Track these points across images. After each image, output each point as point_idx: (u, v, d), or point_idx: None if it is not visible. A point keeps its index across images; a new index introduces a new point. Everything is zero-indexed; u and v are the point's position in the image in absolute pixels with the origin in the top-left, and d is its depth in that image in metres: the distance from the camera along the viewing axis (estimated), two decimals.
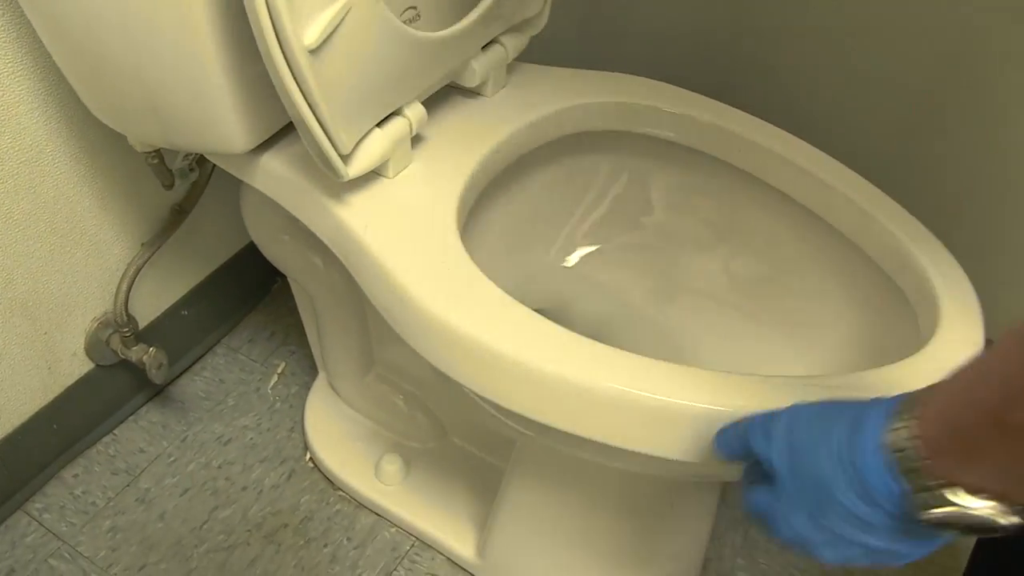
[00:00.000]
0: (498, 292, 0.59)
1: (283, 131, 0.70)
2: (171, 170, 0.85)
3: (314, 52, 0.55)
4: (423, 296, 0.60)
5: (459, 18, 0.71)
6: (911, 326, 0.65)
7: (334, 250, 0.69)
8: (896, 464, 0.39)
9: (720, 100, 0.78)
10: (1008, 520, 0.37)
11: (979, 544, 0.67)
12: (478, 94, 0.77)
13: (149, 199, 0.95)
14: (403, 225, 0.65)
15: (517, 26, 0.78)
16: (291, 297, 1.00)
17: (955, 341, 0.59)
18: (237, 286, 1.15)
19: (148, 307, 1.03)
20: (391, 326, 0.64)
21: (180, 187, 0.92)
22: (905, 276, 0.67)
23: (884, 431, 0.40)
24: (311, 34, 0.55)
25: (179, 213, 0.97)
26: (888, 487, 0.39)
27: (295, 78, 0.56)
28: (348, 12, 0.57)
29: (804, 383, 0.54)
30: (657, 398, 0.53)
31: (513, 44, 0.77)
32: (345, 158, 0.63)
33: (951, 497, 0.37)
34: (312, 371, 1.09)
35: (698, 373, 0.54)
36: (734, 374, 0.54)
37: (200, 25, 0.59)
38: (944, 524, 0.38)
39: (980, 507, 0.37)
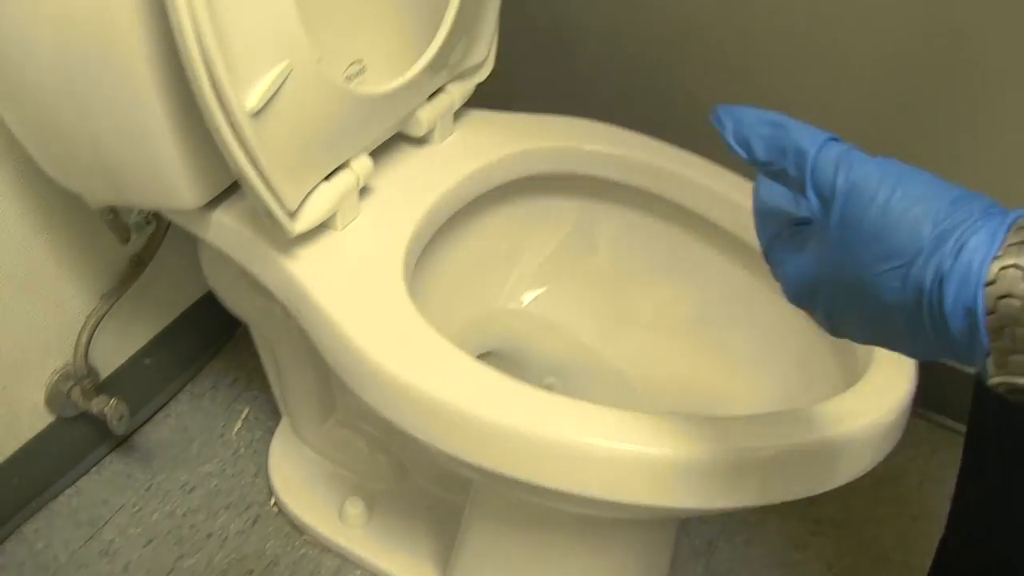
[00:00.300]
0: (443, 343, 0.61)
1: (234, 185, 0.72)
2: (127, 224, 0.86)
3: (256, 115, 0.57)
4: (369, 350, 0.61)
5: (405, 68, 0.73)
6: (851, 357, 0.67)
7: (285, 303, 0.70)
8: (995, 307, 0.30)
9: (668, 137, 0.81)
10: None
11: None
12: (426, 142, 0.79)
13: (107, 251, 0.95)
14: (351, 278, 0.67)
15: (463, 73, 0.81)
16: (254, 342, 1.01)
17: (888, 372, 0.61)
18: (199, 332, 1.15)
19: (109, 357, 1.03)
20: (341, 379, 0.65)
21: (138, 239, 0.93)
22: None
23: (999, 248, 0.31)
24: (252, 98, 0.57)
25: (138, 264, 0.97)
26: (968, 323, 0.31)
27: (238, 141, 0.57)
28: (288, 75, 0.58)
29: (746, 423, 0.56)
30: (597, 443, 0.54)
31: (459, 91, 0.79)
32: (292, 215, 0.64)
33: None
34: (276, 415, 1.09)
35: (640, 417, 0.56)
36: (678, 416, 0.56)
37: (146, 89, 0.60)
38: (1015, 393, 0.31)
39: None
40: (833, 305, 0.37)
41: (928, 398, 1.11)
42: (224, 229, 0.72)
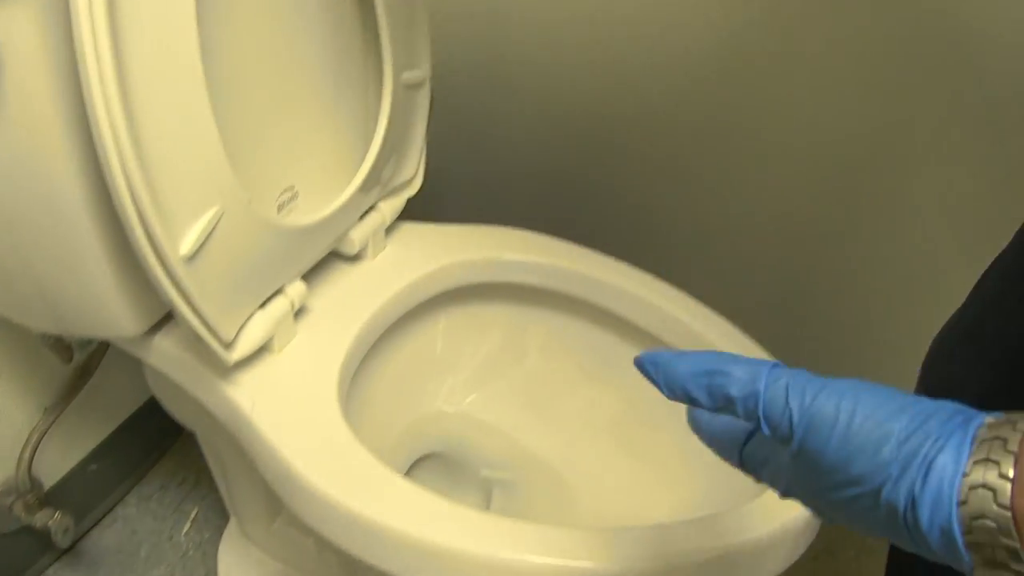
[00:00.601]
0: (376, 465, 0.64)
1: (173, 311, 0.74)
2: (69, 345, 0.87)
3: (190, 260, 0.60)
4: (306, 473, 0.64)
5: (336, 190, 0.77)
6: None
7: (225, 424, 0.72)
8: (971, 528, 0.30)
9: (597, 238, 0.85)
10: None
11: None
12: (359, 258, 0.82)
13: (50, 364, 0.97)
14: (288, 400, 0.69)
15: (393, 190, 0.84)
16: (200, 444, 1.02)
17: None
18: (145, 435, 1.16)
19: (54, 467, 1.04)
20: (280, 499, 0.67)
21: (80, 355, 0.94)
22: None
23: (965, 465, 0.30)
24: (186, 244, 0.59)
25: (82, 375, 0.98)
26: (947, 543, 0.31)
27: (173, 284, 0.60)
28: (220, 219, 0.61)
29: (671, 531, 0.59)
30: (520, 559, 0.57)
31: (390, 208, 0.83)
32: (228, 345, 0.67)
33: None
34: (225, 514, 1.10)
35: (565, 532, 0.59)
36: (603, 530, 0.59)
37: (83, 228, 0.63)
38: None
39: None
40: (817, 511, 0.37)
41: None
42: (164, 354, 0.74)
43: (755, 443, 0.39)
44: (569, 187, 1.15)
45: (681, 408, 0.70)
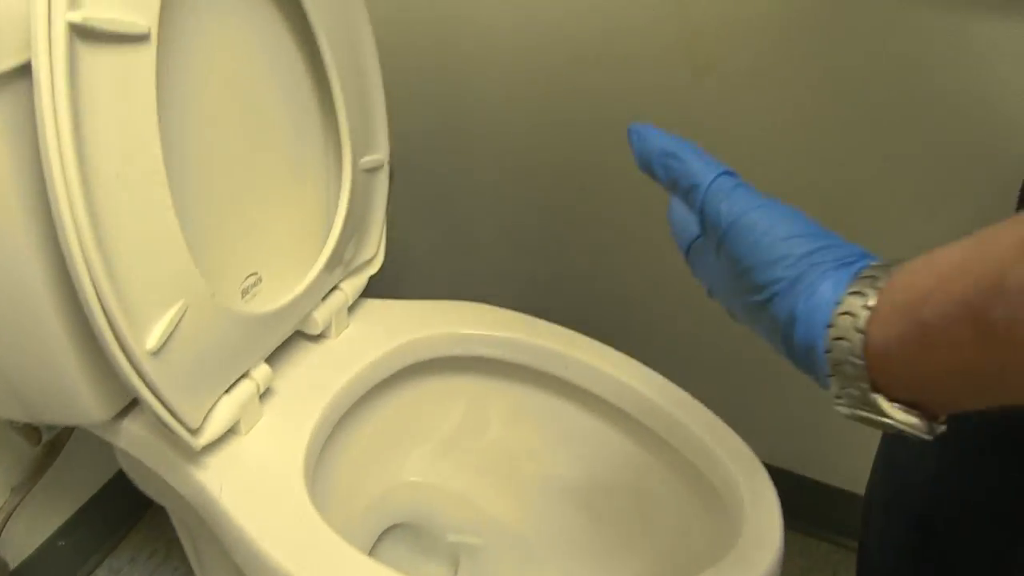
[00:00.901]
0: (341, 544, 0.65)
1: None
2: (37, 428, 0.89)
3: (156, 354, 0.62)
4: (273, 554, 0.65)
5: (299, 272, 0.79)
6: (725, 520, 0.74)
7: (193, 505, 0.73)
8: (832, 347, 0.35)
9: (553, 310, 0.88)
10: (926, 435, 0.35)
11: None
12: (323, 337, 0.84)
13: (17, 445, 0.98)
14: (256, 481, 0.71)
15: (355, 269, 0.87)
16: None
17: (758, 535, 0.68)
18: (114, 509, 1.17)
19: (21, 544, 1.04)
20: None
21: (48, 435, 0.95)
22: (715, 472, 0.76)
23: (841, 295, 0.35)
24: (151, 339, 0.62)
25: (50, 452, 0.99)
26: (811, 357, 0.36)
27: (140, 378, 0.62)
28: (185, 313, 0.64)
29: None
30: None
31: (352, 288, 0.86)
32: (195, 431, 0.69)
33: (881, 405, 0.35)
34: None
35: None
36: None
37: (49, 320, 0.64)
38: (856, 419, 0.36)
39: (904, 420, 0.34)
40: (731, 313, 0.44)
41: (829, 520, 1.20)
42: (132, 437, 0.76)
43: (699, 242, 0.44)
44: (526, 257, 1.19)
45: (640, 476, 0.73)
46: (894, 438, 0.66)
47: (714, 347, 1.15)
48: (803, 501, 1.16)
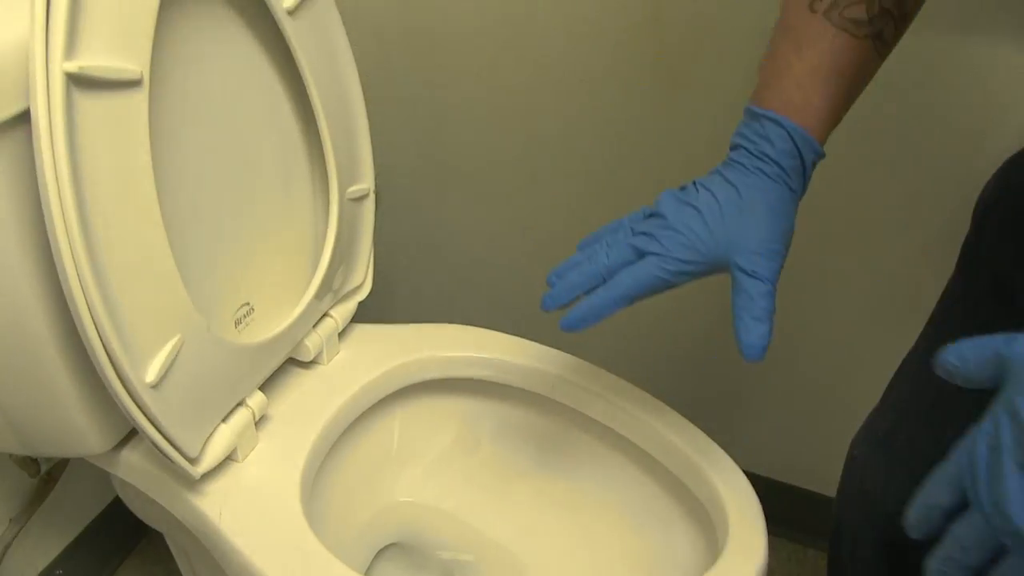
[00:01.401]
0: (337, 564, 0.67)
1: None
2: (35, 460, 0.90)
3: (155, 387, 0.64)
4: None
5: (290, 301, 0.81)
6: (710, 531, 0.76)
7: (193, 531, 0.75)
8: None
9: (537, 330, 0.90)
10: None
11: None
12: (315, 363, 0.86)
13: (15, 474, 0.99)
14: (254, 506, 0.73)
15: (344, 296, 0.89)
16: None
17: (742, 547, 0.70)
18: (111, 536, 1.18)
19: (20, 575, 1.05)
20: None
21: (46, 465, 0.97)
22: (701, 487, 0.78)
23: None
24: (151, 373, 0.64)
25: (47, 482, 1.01)
26: None
27: (140, 411, 0.64)
28: (182, 346, 0.66)
29: None
30: None
31: (341, 314, 0.88)
32: (194, 460, 0.71)
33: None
34: None
35: None
36: None
37: (49, 357, 0.66)
38: None
39: None
40: None
41: (821, 528, 1.22)
42: (131, 467, 0.77)
43: None
44: (511, 277, 1.21)
45: (627, 491, 0.76)
46: (861, 464, 0.68)
47: (700, 359, 1.18)
48: (794, 509, 1.19)
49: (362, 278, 0.90)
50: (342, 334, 0.89)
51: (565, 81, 1.02)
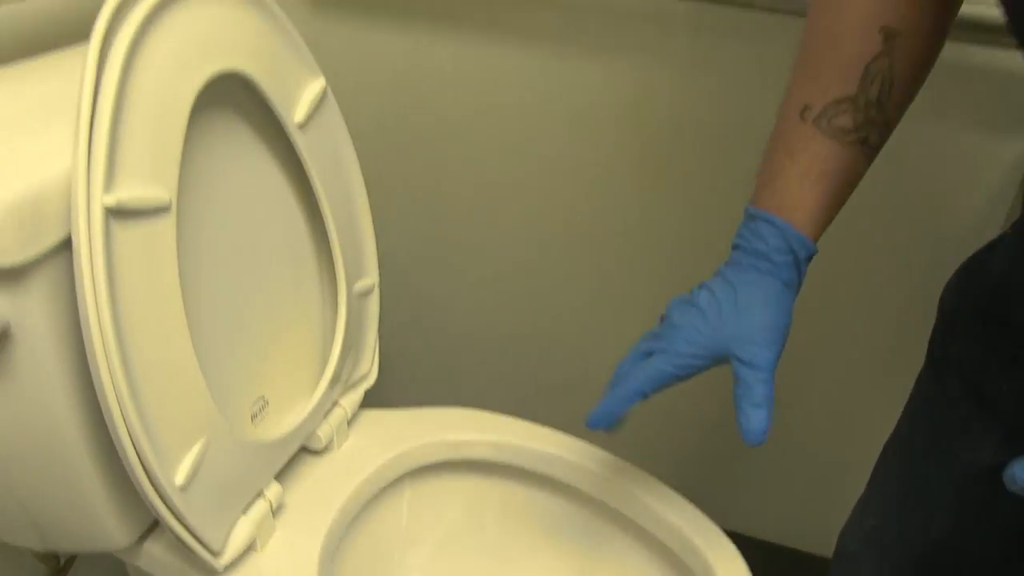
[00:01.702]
0: None
1: None
2: (56, 555, 0.93)
3: (184, 489, 0.68)
4: None
5: (302, 392, 0.86)
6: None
7: None
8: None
9: (541, 411, 0.95)
10: None
11: None
12: (327, 450, 0.90)
13: (30, 564, 1.01)
14: None
15: (351, 384, 0.93)
16: None
17: None
18: None
19: None
20: None
21: (65, 557, 0.99)
22: (696, 560, 0.82)
23: None
24: (180, 475, 0.67)
25: (61, 572, 1.03)
26: None
27: (171, 513, 0.68)
28: (208, 447, 0.70)
29: None
30: None
31: (350, 402, 0.92)
32: (217, 553, 0.74)
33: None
34: None
35: None
36: None
37: (81, 463, 0.70)
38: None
39: None
40: None
41: None
42: (153, 559, 0.80)
43: None
44: (511, 357, 1.26)
45: (624, 558, 0.80)
46: (854, 560, 0.70)
47: (699, 434, 1.22)
48: (784, 571, 1.23)
49: (368, 366, 0.94)
50: (350, 420, 0.93)
51: (559, 168, 1.08)
